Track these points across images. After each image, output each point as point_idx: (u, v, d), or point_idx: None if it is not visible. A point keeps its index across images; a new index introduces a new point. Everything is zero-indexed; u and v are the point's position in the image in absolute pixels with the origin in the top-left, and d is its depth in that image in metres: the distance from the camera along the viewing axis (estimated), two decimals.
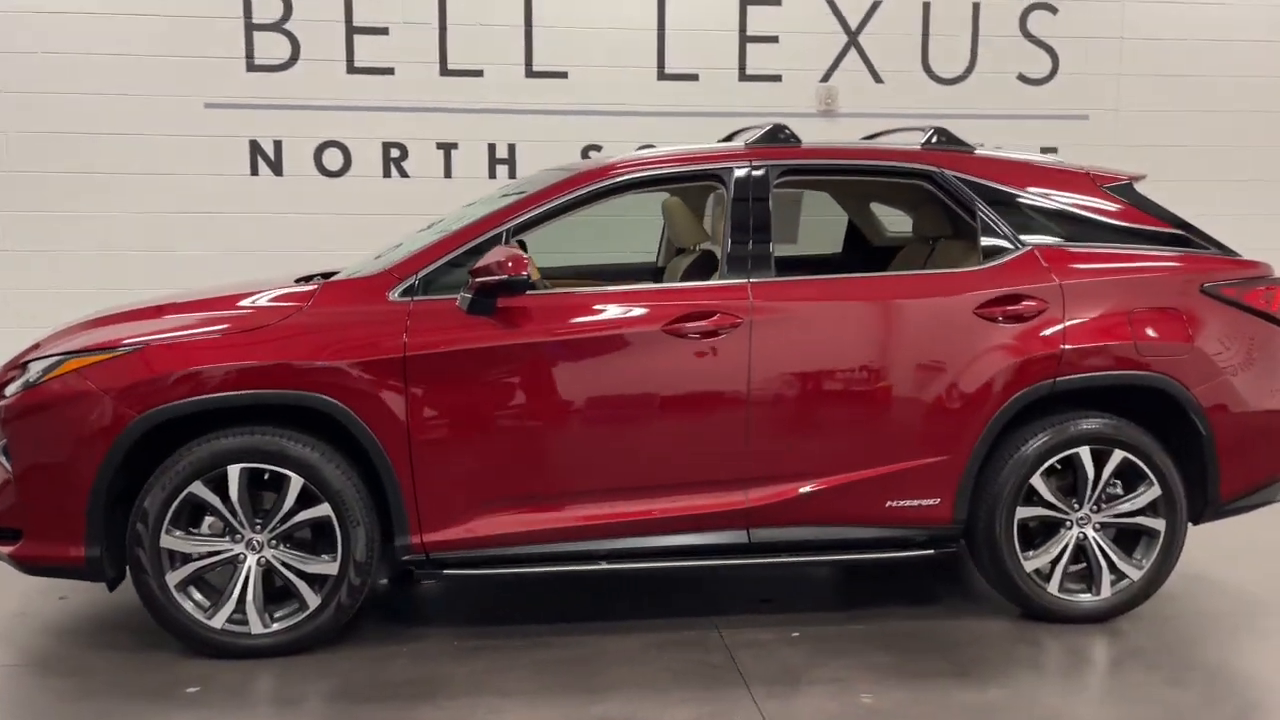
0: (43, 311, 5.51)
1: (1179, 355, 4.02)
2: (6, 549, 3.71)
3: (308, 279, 4.24)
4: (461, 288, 3.76)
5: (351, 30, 6.28)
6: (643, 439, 3.86)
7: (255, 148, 6.31)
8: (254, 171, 6.33)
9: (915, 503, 3.97)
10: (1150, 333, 4.02)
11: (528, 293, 3.84)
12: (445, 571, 3.85)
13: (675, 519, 3.88)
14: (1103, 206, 4.22)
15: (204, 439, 3.68)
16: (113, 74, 6.12)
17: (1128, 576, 4.09)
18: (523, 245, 5.29)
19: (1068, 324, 3.97)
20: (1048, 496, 4.02)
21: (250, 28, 6.21)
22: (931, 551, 4.07)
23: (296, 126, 6.32)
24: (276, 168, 6.34)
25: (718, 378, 3.84)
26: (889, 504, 3.96)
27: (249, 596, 3.74)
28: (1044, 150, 6.83)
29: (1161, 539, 4.09)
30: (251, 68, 6.24)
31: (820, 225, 5.82)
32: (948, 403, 3.93)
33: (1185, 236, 4.25)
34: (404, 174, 6.42)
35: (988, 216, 4.10)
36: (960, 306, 3.96)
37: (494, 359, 3.75)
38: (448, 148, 6.44)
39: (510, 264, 3.63)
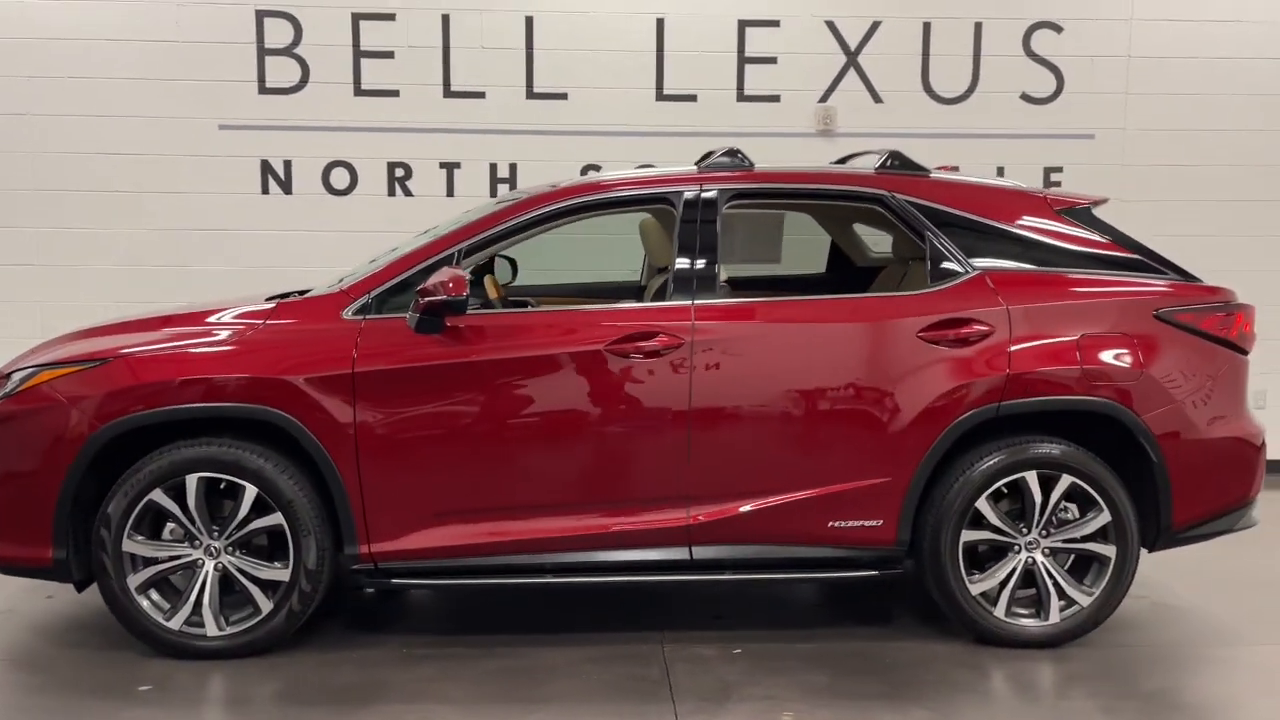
0: (68, 324, 5.73)
1: (1129, 381, 3.99)
2: None
3: (284, 296, 4.41)
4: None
5: (359, 54, 6.50)
6: (585, 456, 3.95)
7: (266, 167, 6.55)
8: (265, 190, 6.57)
9: (858, 523, 4.00)
10: (1100, 358, 4.00)
11: (481, 311, 4.00)
12: (393, 582, 3.99)
13: (618, 534, 3.97)
14: (1057, 231, 4.21)
15: (165, 449, 3.87)
16: (133, 97, 6.41)
17: (1077, 603, 4.07)
18: (513, 264, 5.60)
19: (1014, 348, 3.98)
20: (994, 520, 4.02)
21: (262, 52, 6.45)
22: (876, 573, 4.09)
23: (305, 147, 6.55)
24: (286, 186, 6.58)
25: (659, 397, 3.92)
26: (831, 524, 4.00)
27: (205, 600, 3.91)
28: (1049, 170, 6.80)
29: (1112, 566, 4.06)
30: (263, 90, 6.49)
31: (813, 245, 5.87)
32: (890, 425, 3.96)
33: (1143, 262, 4.22)
34: (408, 193, 6.61)
35: (937, 240, 4.13)
36: (904, 329, 3.99)
37: (439, 376, 3.88)
38: (451, 167, 6.61)
39: (451, 284, 3.75)
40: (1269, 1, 6.75)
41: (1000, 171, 6.74)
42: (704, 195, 4.13)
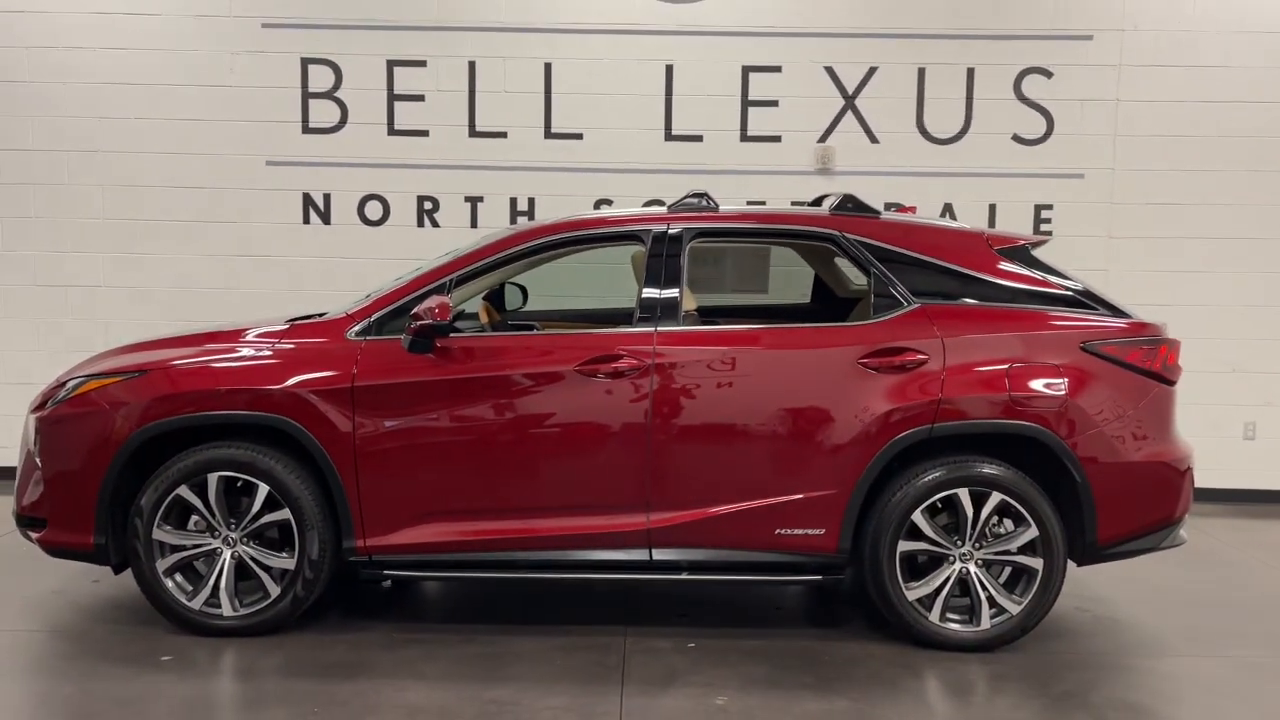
0: (134, 338, 6.47)
1: (1054, 407, 4.35)
2: (35, 534, 4.55)
3: (306, 318, 4.97)
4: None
5: (392, 98, 7.10)
6: (556, 465, 4.43)
7: (308, 200, 7.18)
8: (306, 220, 7.19)
9: (802, 531, 4.41)
10: (1028, 385, 4.36)
11: (469, 334, 4.53)
12: (385, 573, 4.50)
13: (586, 535, 4.43)
14: (995, 267, 4.58)
15: (191, 451, 4.44)
16: (191, 136, 7.09)
17: (1007, 611, 4.42)
18: (523, 291, 6.11)
19: (946, 375, 4.36)
20: (928, 532, 4.40)
21: (306, 95, 7.10)
22: (819, 578, 4.49)
23: (343, 181, 7.17)
24: (325, 217, 7.19)
25: (622, 414, 4.38)
26: (778, 531, 4.41)
27: (222, 584, 4.46)
28: (1039, 207, 7.13)
29: (1039, 577, 4.40)
30: (306, 130, 7.13)
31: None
32: (833, 443, 4.37)
33: (1076, 298, 4.57)
34: (435, 224, 7.18)
35: (881, 275, 4.53)
36: (845, 357, 4.40)
37: (427, 391, 4.39)
38: (475, 201, 7.17)
39: (437, 310, 4.27)
40: (1255, 47, 7.01)
41: (992, 209, 7.09)
42: (670, 232, 4.60)
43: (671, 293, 4.53)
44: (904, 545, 4.40)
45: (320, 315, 4.88)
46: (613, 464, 4.41)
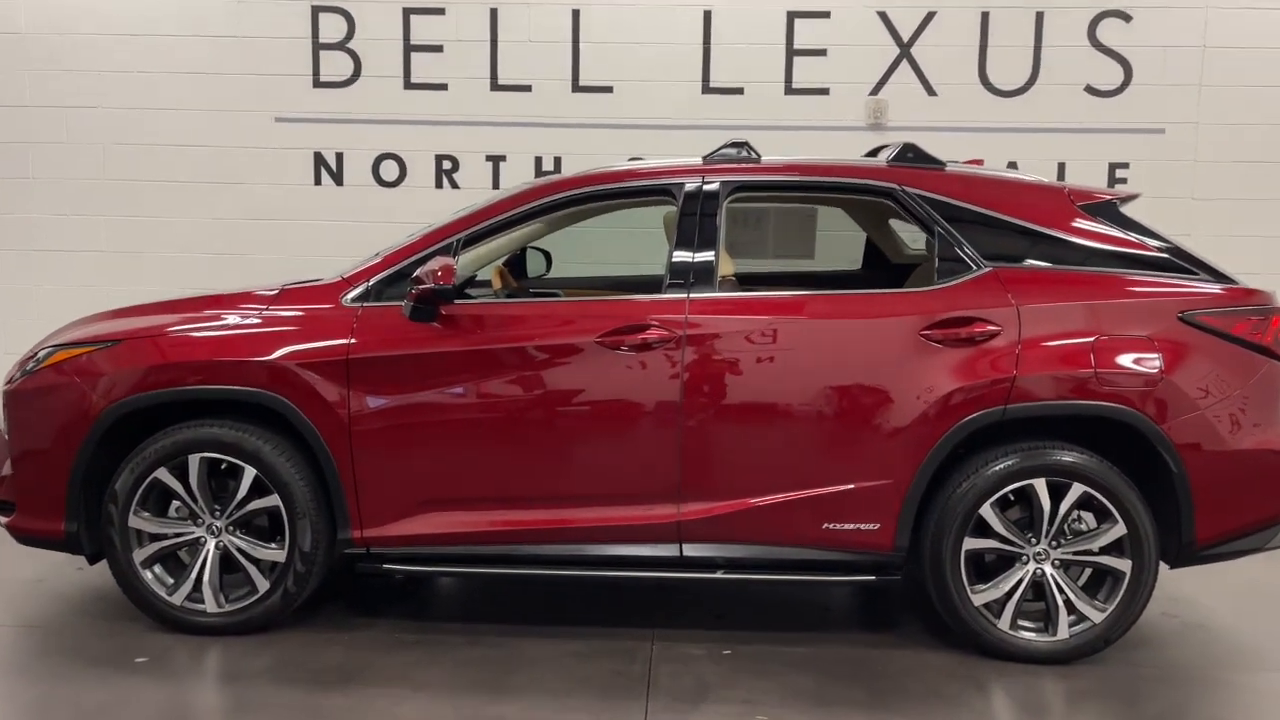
0: None
1: (1148, 387, 3.77)
2: (4, 519, 4.13)
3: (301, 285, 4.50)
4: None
5: (409, 48, 6.59)
6: (576, 448, 3.93)
7: (319, 159, 6.71)
8: (317, 181, 6.73)
9: (853, 526, 3.88)
10: (1116, 361, 3.79)
11: (478, 300, 4.04)
12: (385, 567, 4.03)
13: (608, 528, 3.93)
14: (1079, 227, 4.00)
15: (170, 429, 3.99)
16: (196, 91, 6.63)
17: (1088, 619, 3.87)
18: (547, 256, 5.61)
19: (1022, 349, 3.79)
20: (999, 528, 3.85)
21: (317, 47, 6.61)
22: (873, 578, 3.97)
23: (357, 139, 6.68)
24: (338, 178, 6.72)
25: (650, 391, 3.87)
26: (826, 526, 3.89)
27: (205, 577, 4.02)
28: (1114, 166, 6.49)
29: (1127, 581, 3.84)
30: (317, 84, 6.64)
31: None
32: (890, 426, 3.83)
33: (1172, 261, 3.98)
34: (455, 185, 6.68)
35: (947, 235, 3.97)
36: (904, 328, 3.85)
37: (430, 364, 3.90)
38: (496, 160, 6.66)
39: (440, 273, 3.77)
40: None
41: (1061, 168, 6.47)
42: (705, 188, 4.06)
43: (706, 255, 3.99)
44: (970, 543, 3.86)
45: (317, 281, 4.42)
46: (638, 448, 3.90)
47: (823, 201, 5.18)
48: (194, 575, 4.02)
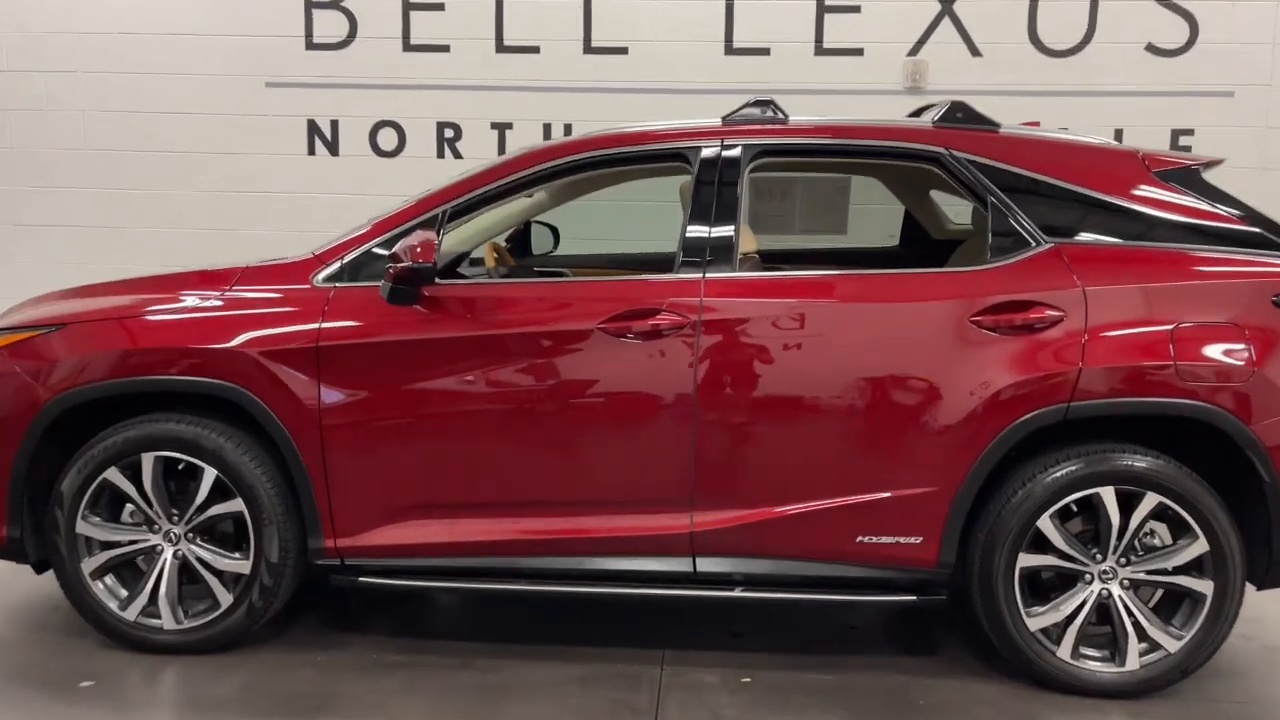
0: None
1: (1237, 382, 3.25)
2: None
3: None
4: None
5: (408, 7, 6.12)
6: (575, 449, 3.46)
7: (313, 127, 6.26)
8: (311, 151, 6.28)
9: (891, 540, 3.39)
10: (1201, 353, 3.27)
11: (465, 281, 3.58)
12: (362, 580, 3.58)
13: (612, 539, 3.47)
14: (1155, 197, 3.48)
15: (121, 425, 3.56)
16: (180, 52, 6.20)
17: (1162, 647, 3.37)
18: (555, 232, 5.13)
19: (1089, 338, 3.28)
20: (1059, 543, 3.35)
21: (310, 6, 6.14)
22: (914, 598, 3.48)
23: (353, 105, 6.23)
24: (333, 148, 6.27)
25: (659, 384, 3.39)
26: (860, 539, 3.40)
27: (162, 590, 3.59)
28: (1177, 133, 5.93)
29: (1208, 604, 3.34)
30: (310, 46, 6.18)
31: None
32: (934, 425, 3.33)
33: (1265, 236, 3.44)
34: (458, 154, 6.21)
35: (1002, 206, 3.45)
36: (952, 313, 3.34)
37: (411, 353, 3.44)
38: (502, 128, 6.18)
39: (419, 249, 3.30)
40: None
41: (1119, 135, 5.90)
42: (724, 152, 3.56)
43: (725, 230, 3.49)
44: (1026, 559, 3.36)
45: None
46: (646, 449, 3.42)
47: (858, 169, 4.65)
48: (149, 587, 3.59)
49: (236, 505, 3.53)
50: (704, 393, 3.36)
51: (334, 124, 6.25)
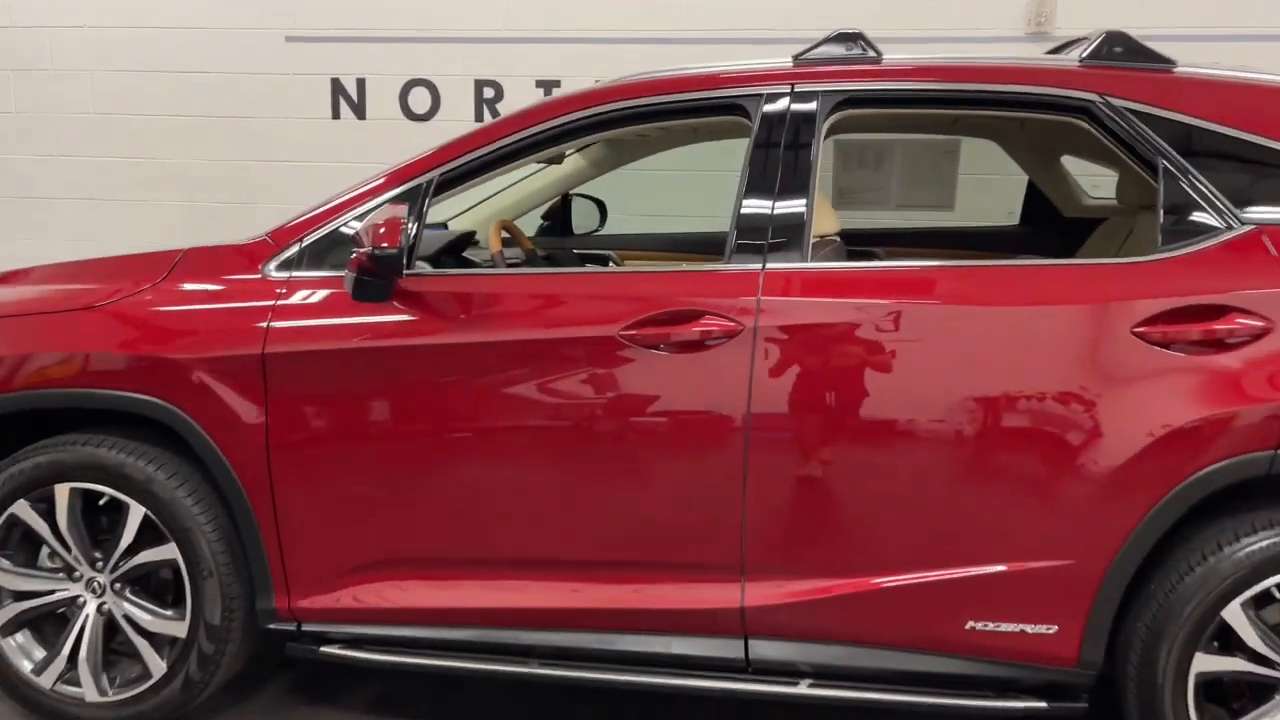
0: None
1: None
2: None
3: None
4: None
5: None
6: (590, 494, 2.63)
7: (337, 87, 5.51)
8: (335, 115, 5.54)
9: (1014, 628, 2.50)
10: None
11: (451, 272, 2.79)
12: (323, 651, 2.82)
13: (640, 613, 2.64)
14: None
15: (33, 448, 2.85)
16: (193, 5, 5.51)
17: None
18: (601, 206, 4.33)
19: None
20: (1254, 641, 2.41)
21: None
22: (1044, 705, 2.57)
23: (382, 62, 5.46)
24: (360, 110, 5.52)
25: (700, 411, 2.54)
26: (970, 625, 2.51)
27: (83, 652, 2.88)
28: None
29: None
30: None
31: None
32: (1076, 474, 2.42)
33: None
34: (498, 117, 5.39)
35: (1180, 174, 2.50)
36: (1107, 321, 2.41)
37: (381, 364, 2.65)
38: (549, 86, 5.35)
39: (382, 230, 2.49)
40: None
41: None
42: (795, 104, 2.67)
43: (793, 205, 2.61)
44: (1204, 661, 2.43)
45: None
46: (683, 496, 2.59)
47: (972, 126, 3.70)
48: (68, 650, 2.89)
49: (169, 552, 2.80)
50: (760, 425, 2.50)
51: (360, 83, 5.50)
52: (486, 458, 2.64)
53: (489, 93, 5.41)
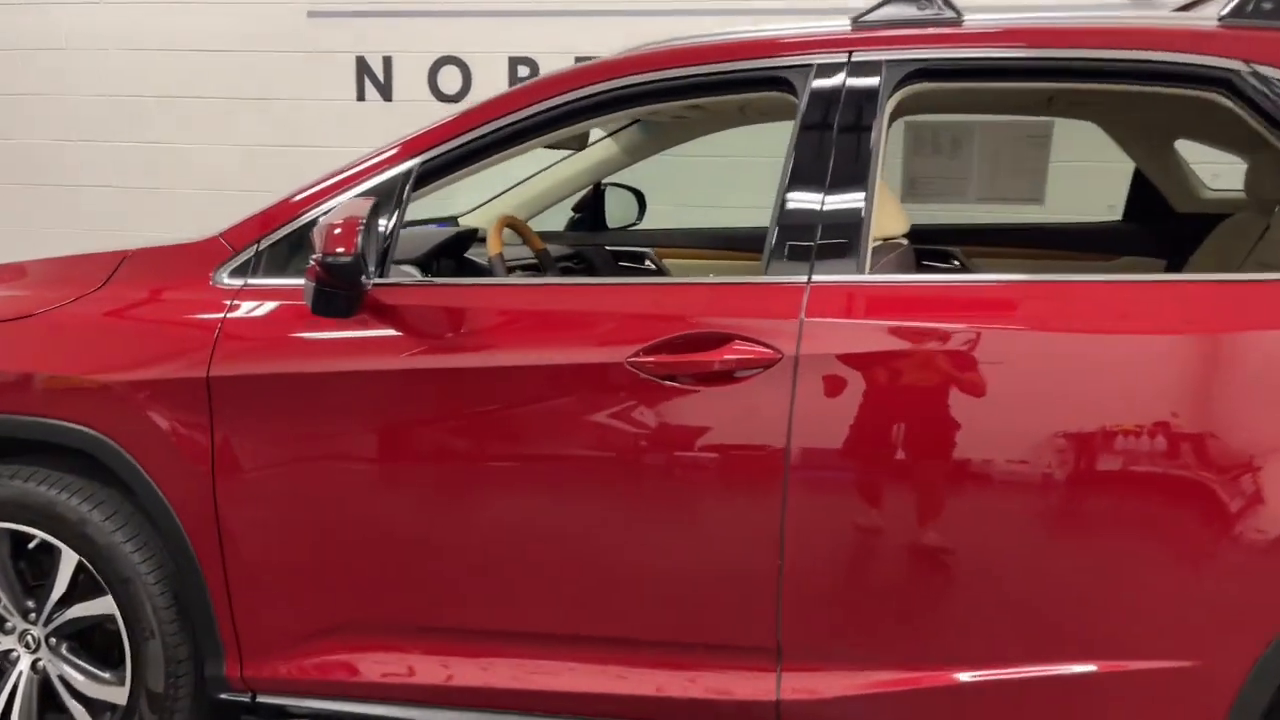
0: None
1: None
2: None
3: None
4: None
5: None
6: (594, 557, 2.16)
7: (363, 66, 5.11)
8: (360, 96, 5.15)
9: None
10: None
11: (433, 282, 2.32)
12: None
13: (644, 700, 2.16)
14: None
15: None
16: None
17: None
18: (639, 197, 3.90)
19: None
20: None
21: None
22: None
23: (410, 38, 5.05)
24: (386, 91, 5.11)
25: (727, 459, 2.04)
26: None
27: (14, 713, 2.50)
28: None
29: None
30: None
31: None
32: (1207, 550, 1.88)
33: None
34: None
35: None
36: (1252, 352, 1.87)
37: (343, 391, 2.20)
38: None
39: (339, 231, 2.03)
40: None
41: None
42: (853, 77, 2.15)
43: (849, 201, 2.09)
44: None
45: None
46: (707, 561, 2.09)
47: (1071, 105, 3.12)
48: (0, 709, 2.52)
49: (106, 605, 2.39)
50: (801, 479, 1.99)
51: (387, 62, 5.09)
52: (459, 509, 2.19)
53: (524, 70, 4.96)
